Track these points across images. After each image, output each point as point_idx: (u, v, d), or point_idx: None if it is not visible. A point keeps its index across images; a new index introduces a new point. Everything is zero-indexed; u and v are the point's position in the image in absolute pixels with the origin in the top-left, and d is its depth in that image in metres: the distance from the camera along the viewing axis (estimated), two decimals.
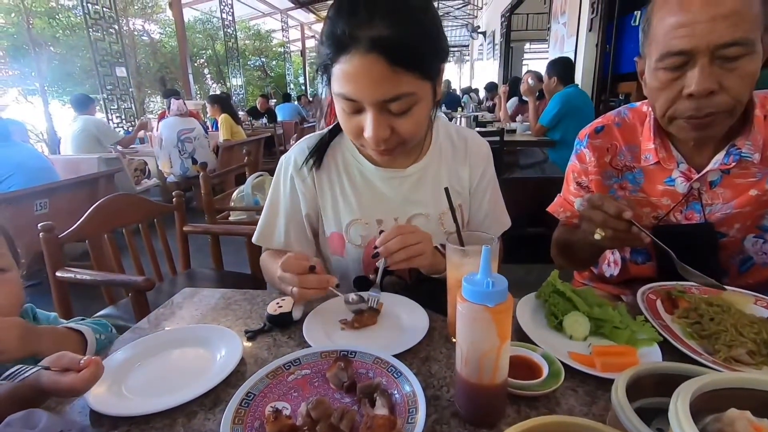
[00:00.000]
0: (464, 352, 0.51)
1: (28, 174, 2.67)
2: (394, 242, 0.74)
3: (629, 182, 0.94)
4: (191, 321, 0.82)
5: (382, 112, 0.72)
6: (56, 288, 1.31)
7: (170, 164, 4.35)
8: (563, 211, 1.08)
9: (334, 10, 0.70)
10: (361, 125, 0.74)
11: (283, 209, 0.95)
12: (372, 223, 0.91)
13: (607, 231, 0.76)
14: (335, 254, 0.95)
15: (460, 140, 0.97)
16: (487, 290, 0.47)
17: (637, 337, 0.65)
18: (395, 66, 0.67)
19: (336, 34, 0.68)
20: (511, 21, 8.91)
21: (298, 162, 0.93)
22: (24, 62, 9.56)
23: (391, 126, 0.74)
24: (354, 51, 0.67)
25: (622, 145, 0.95)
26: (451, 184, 0.93)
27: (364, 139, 0.76)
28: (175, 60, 11.79)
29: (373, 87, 0.68)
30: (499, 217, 1.01)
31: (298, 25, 15.70)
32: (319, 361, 0.63)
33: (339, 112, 0.77)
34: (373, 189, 0.92)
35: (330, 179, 0.93)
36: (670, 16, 0.72)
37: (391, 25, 0.66)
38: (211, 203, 2.06)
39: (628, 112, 0.96)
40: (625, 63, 4.19)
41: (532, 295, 0.79)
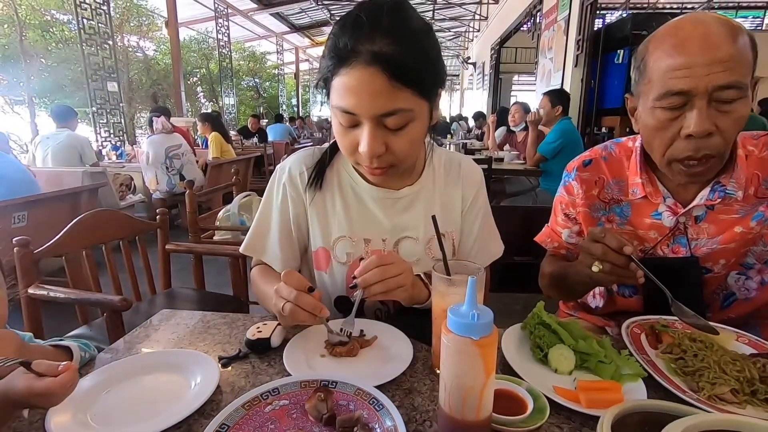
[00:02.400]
0: (448, 385, 0.49)
1: (8, 186, 2.60)
2: (373, 274, 0.72)
3: (617, 215, 0.96)
4: (167, 344, 0.79)
5: (378, 126, 0.72)
6: (27, 305, 1.26)
7: (156, 181, 4.30)
8: (551, 241, 1.09)
9: (339, 25, 0.72)
10: (357, 140, 0.74)
11: (274, 219, 0.94)
12: (359, 242, 0.90)
13: (605, 265, 0.76)
14: (319, 269, 0.94)
15: (453, 165, 0.98)
16: (472, 322, 0.47)
17: (621, 372, 0.65)
18: (394, 81, 0.68)
19: (338, 47, 0.70)
20: (500, 53, 9.21)
21: (293, 173, 0.92)
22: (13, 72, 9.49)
23: (386, 143, 0.74)
24: (355, 63, 0.68)
25: (609, 179, 0.96)
26: (444, 211, 0.93)
27: (359, 155, 0.76)
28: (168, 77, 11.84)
29: (371, 100, 0.69)
30: (489, 245, 1.01)
31: (293, 49, 16.00)
32: (298, 391, 0.61)
33: (336, 126, 0.77)
34: (364, 207, 0.91)
35: (322, 193, 0.92)
36: (669, 58, 0.74)
37: (393, 42, 0.68)
38: (196, 222, 2.03)
39: (615, 147, 0.99)
40: (609, 98, 4.34)
41: (517, 326, 0.79)
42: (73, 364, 0.56)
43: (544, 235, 1.12)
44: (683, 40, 0.73)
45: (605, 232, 0.77)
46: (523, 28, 7.39)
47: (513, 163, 3.73)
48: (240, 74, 15.93)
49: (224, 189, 3.08)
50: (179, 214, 4.64)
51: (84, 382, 0.64)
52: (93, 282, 1.43)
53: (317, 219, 0.92)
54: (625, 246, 0.74)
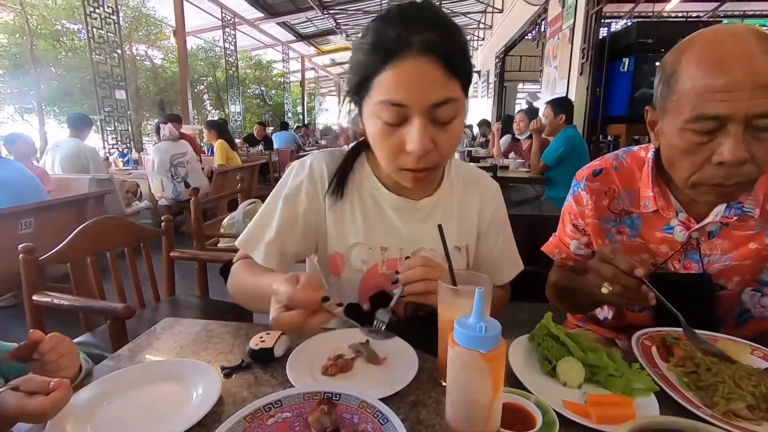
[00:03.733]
0: (454, 399, 0.48)
1: (14, 192, 2.62)
2: (416, 272, 0.72)
3: (627, 227, 0.93)
4: (169, 353, 0.78)
5: (428, 120, 0.71)
6: (31, 312, 1.26)
7: (162, 188, 4.33)
8: (558, 252, 1.07)
9: (380, 20, 0.71)
10: (402, 141, 0.72)
11: (280, 210, 0.88)
12: (376, 249, 0.89)
13: (616, 287, 0.74)
14: (333, 274, 0.91)
15: (471, 179, 0.96)
16: (479, 335, 0.45)
17: (633, 387, 0.63)
18: (447, 69, 0.68)
19: (386, 40, 0.69)
20: (505, 62, 9.23)
21: (314, 171, 0.89)
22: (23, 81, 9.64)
23: (434, 139, 0.72)
24: (407, 54, 0.67)
25: (620, 190, 0.93)
26: (460, 223, 0.92)
27: (404, 157, 0.73)
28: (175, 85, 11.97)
29: (425, 89, 0.68)
30: (513, 259, 0.99)
31: (299, 57, 16.13)
32: (301, 404, 0.60)
33: (377, 128, 0.73)
34: (383, 215, 0.90)
35: (342, 198, 0.89)
36: (707, 77, 0.67)
37: (442, 32, 0.69)
38: (201, 229, 2.03)
39: (626, 157, 0.96)
40: (615, 106, 4.33)
41: (524, 338, 0.77)
42: (65, 381, 0.55)
43: (551, 246, 1.10)
44: (724, 58, 0.67)
45: (615, 253, 0.75)
46: (527, 36, 7.41)
47: (518, 171, 3.72)
48: (246, 82, 16.09)
49: (229, 196, 3.08)
50: (184, 221, 4.66)
51: (84, 393, 0.63)
52: (97, 289, 1.43)
53: (335, 223, 0.89)
54: (636, 268, 0.72)
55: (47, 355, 0.64)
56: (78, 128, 4.13)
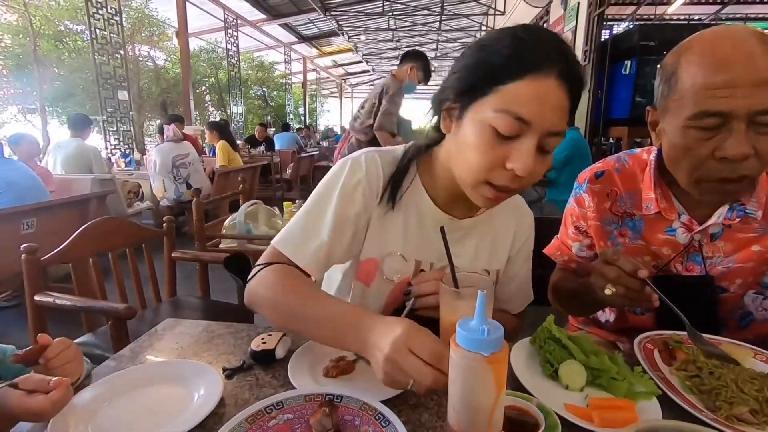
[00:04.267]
0: (456, 402, 0.48)
1: (17, 192, 2.63)
2: (430, 285, 0.72)
3: (629, 229, 0.93)
4: (171, 354, 0.78)
5: (538, 145, 0.67)
6: (33, 312, 1.26)
7: (164, 189, 4.34)
8: (560, 254, 1.07)
9: (523, 31, 0.68)
10: (505, 155, 0.68)
11: (333, 208, 0.80)
12: (411, 261, 0.86)
13: (619, 288, 0.74)
14: (362, 282, 0.88)
15: (510, 205, 0.92)
16: (482, 338, 0.45)
17: (635, 390, 0.63)
18: (571, 102, 0.68)
19: (532, 53, 0.66)
20: None
21: (372, 172, 0.82)
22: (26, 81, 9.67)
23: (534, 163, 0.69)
24: (549, 73, 0.65)
25: (622, 192, 0.93)
26: (493, 247, 0.90)
27: (499, 172, 0.69)
28: (177, 85, 12.00)
29: (552, 113, 0.66)
30: (527, 289, 0.98)
31: (301, 59, 16.17)
32: (303, 405, 0.60)
33: (485, 136, 0.68)
34: (423, 229, 0.86)
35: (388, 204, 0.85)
36: (708, 75, 0.68)
37: (576, 67, 0.67)
38: (202, 230, 2.03)
39: (628, 159, 0.95)
40: (616, 109, 4.33)
41: (526, 341, 0.77)
42: (66, 379, 0.55)
43: (553, 248, 1.10)
44: (725, 57, 0.68)
45: (619, 255, 0.75)
46: None
47: None
48: (248, 83, 16.11)
49: (231, 197, 3.08)
50: (186, 222, 4.67)
51: (85, 393, 0.63)
52: (99, 289, 1.44)
53: (376, 228, 0.85)
54: (640, 270, 0.72)
55: (53, 361, 0.64)
56: (79, 128, 4.13)
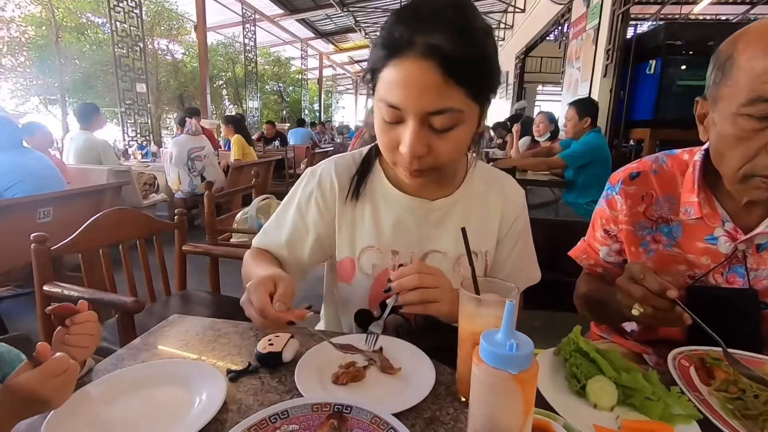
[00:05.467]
0: (479, 423, 0.43)
1: (35, 182, 2.64)
2: (409, 279, 0.68)
3: (664, 235, 0.86)
4: (174, 353, 0.75)
5: (423, 125, 0.67)
6: (42, 301, 1.24)
7: (179, 181, 4.35)
8: (586, 257, 1.01)
9: (396, 15, 0.68)
10: (398, 138, 0.70)
11: (291, 217, 0.90)
12: (386, 253, 0.86)
13: (647, 308, 0.69)
14: (342, 281, 0.89)
15: (495, 183, 0.91)
16: (510, 354, 0.41)
17: (672, 412, 0.57)
18: (448, 77, 0.63)
19: (393, 37, 0.65)
20: (525, 63, 9.09)
21: (324, 181, 0.88)
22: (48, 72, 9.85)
23: (429, 144, 0.69)
24: (408, 54, 0.63)
25: (659, 195, 0.87)
26: (479, 228, 0.87)
27: (398, 154, 0.71)
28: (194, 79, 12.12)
29: (420, 95, 0.64)
30: (527, 270, 0.94)
31: (317, 55, 16.19)
32: (309, 415, 0.56)
33: (377, 122, 0.72)
34: (395, 217, 0.86)
35: (353, 202, 0.88)
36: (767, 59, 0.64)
37: (452, 37, 0.63)
38: (214, 223, 2.01)
39: (667, 160, 0.89)
40: (639, 110, 4.20)
41: (549, 352, 0.72)
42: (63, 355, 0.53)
43: (579, 250, 1.04)
44: None
45: (645, 273, 0.69)
46: (549, 37, 7.27)
47: (539, 174, 3.61)
48: (264, 78, 16.19)
49: (244, 191, 3.07)
50: (199, 214, 4.68)
51: (84, 393, 0.60)
52: (108, 281, 1.42)
53: (345, 228, 0.87)
54: (668, 290, 0.67)
55: (77, 327, 0.63)
56: (87, 119, 3.92)
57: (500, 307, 0.58)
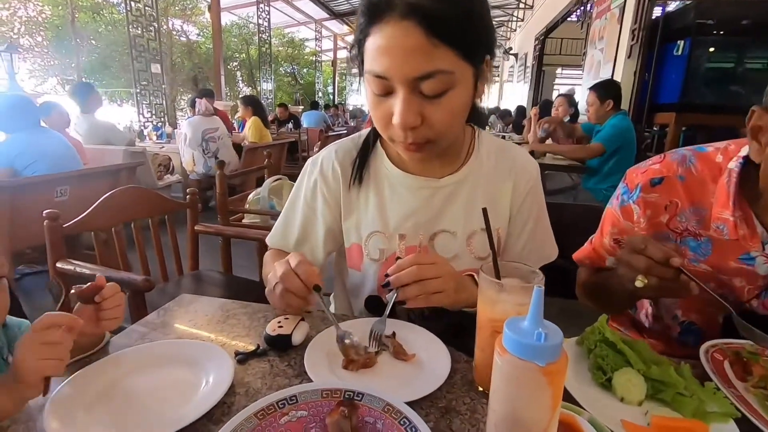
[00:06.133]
0: (500, 417, 0.40)
1: (53, 161, 2.65)
2: (408, 273, 0.64)
3: (690, 250, 0.77)
4: (183, 333, 0.74)
5: (413, 93, 0.63)
6: (55, 279, 1.25)
7: (193, 162, 4.36)
8: (590, 263, 0.94)
9: None
10: (391, 112, 0.66)
11: (301, 211, 0.89)
12: (393, 237, 0.83)
13: (651, 279, 0.64)
14: (353, 268, 0.87)
15: (506, 156, 0.86)
16: (537, 344, 0.37)
17: (706, 410, 0.53)
18: (432, 36, 0.59)
19: (371, 2, 0.62)
20: (544, 44, 8.82)
21: (326, 168, 0.86)
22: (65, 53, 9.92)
23: (423, 113, 0.65)
24: (389, 18, 0.60)
25: (685, 206, 0.76)
26: (489, 205, 0.83)
27: (393, 128, 0.68)
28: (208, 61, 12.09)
29: (405, 60, 0.60)
30: (542, 247, 0.89)
31: (332, 36, 15.97)
32: (318, 402, 0.53)
33: (369, 97, 0.69)
34: (400, 200, 0.83)
35: (357, 187, 0.85)
36: None
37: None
38: (226, 204, 2.00)
39: (696, 162, 0.75)
40: (664, 93, 4.04)
41: (572, 341, 0.68)
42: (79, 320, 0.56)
43: (583, 254, 0.95)
44: None
45: (647, 242, 0.65)
46: (571, 17, 7.02)
47: (558, 158, 3.51)
48: (278, 60, 16.08)
49: (257, 172, 3.05)
50: (214, 196, 4.70)
51: (88, 373, 0.59)
52: (122, 259, 1.42)
53: (351, 214, 0.85)
54: (672, 258, 0.62)
55: (108, 301, 0.64)
56: (84, 100, 3.60)
57: (522, 293, 0.54)
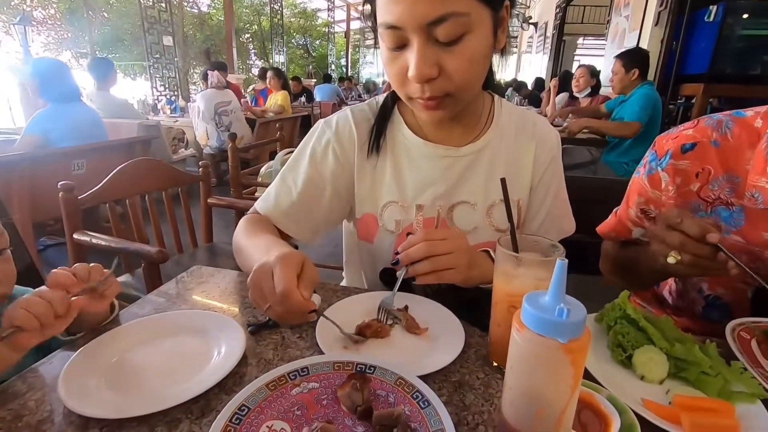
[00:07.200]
0: (516, 395, 0.39)
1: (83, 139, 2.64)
2: (418, 249, 0.62)
3: (722, 220, 0.73)
4: (195, 304, 0.74)
5: (428, 41, 0.60)
6: (73, 250, 1.27)
7: (207, 136, 4.36)
8: (616, 236, 0.91)
9: None
10: (406, 65, 0.62)
11: (304, 172, 0.80)
12: (410, 208, 0.80)
13: (685, 256, 0.61)
14: (364, 239, 0.84)
15: (527, 124, 0.83)
16: (559, 320, 0.35)
17: (732, 389, 0.51)
18: None
19: None
20: (566, 13, 8.45)
21: (342, 130, 0.81)
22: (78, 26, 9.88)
23: (440, 63, 0.61)
24: None
25: (718, 172, 0.72)
26: (510, 175, 0.79)
27: (410, 84, 0.65)
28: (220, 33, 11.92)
29: (416, 3, 0.57)
30: (561, 220, 0.87)
31: (344, 6, 15.55)
32: (330, 374, 0.53)
33: (384, 56, 0.66)
34: (419, 169, 0.80)
35: (373, 155, 0.81)
36: None
37: None
38: (238, 177, 2.00)
39: (733, 126, 0.71)
40: (693, 63, 3.85)
41: (591, 317, 0.66)
42: None
43: (608, 227, 0.92)
44: None
45: (682, 216, 0.61)
46: None
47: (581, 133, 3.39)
48: (291, 32, 15.77)
49: (268, 144, 3.03)
50: (228, 170, 4.71)
51: (102, 341, 0.59)
52: (137, 232, 1.43)
53: (365, 182, 0.81)
54: (709, 234, 0.58)
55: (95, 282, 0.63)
56: (104, 77, 3.52)
57: (541, 267, 0.52)
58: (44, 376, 0.54)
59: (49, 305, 0.54)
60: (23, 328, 0.53)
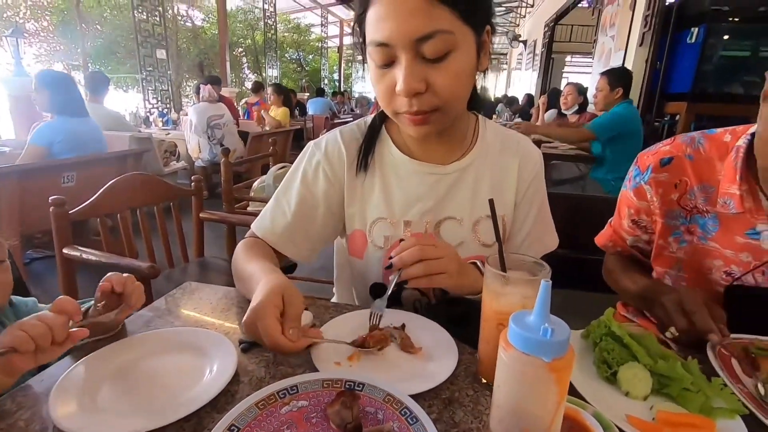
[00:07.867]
0: (504, 412, 0.40)
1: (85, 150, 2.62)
2: (411, 253, 0.64)
3: (699, 227, 0.79)
4: (187, 321, 0.74)
5: (415, 58, 0.63)
6: (62, 264, 1.26)
7: (199, 149, 4.36)
8: (613, 245, 0.96)
9: None
10: (394, 81, 0.65)
11: (296, 193, 0.83)
12: (398, 224, 0.82)
13: (682, 338, 0.66)
14: (354, 256, 0.86)
15: (510, 142, 0.86)
16: (543, 339, 0.36)
17: (713, 405, 0.53)
18: None
19: None
20: (554, 31, 8.66)
21: (331, 150, 0.84)
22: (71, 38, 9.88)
23: (426, 79, 0.64)
24: None
25: (693, 184, 0.79)
26: (495, 192, 0.83)
27: (397, 100, 0.67)
28: (214, 46, 12.00)
29: (406, 22, 0.61)
30: (543, 236, 0.89)
31: (338, 22, 15.78)
32: (319, 391, 0.53)
33: (372, 74, 0.69)
34: (406, 186, 0.82)
35: (362, 173, 0.84)
36: None
37: None
38: (231, 191, 2.00)
39: (705, 142, 0.79)
40: (676, 82, 3.96)
41: (577, 334, 0.67)
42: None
43: (604, 238, 0.99)
44: None
45: (698, 308, 0.65)
46: (582, 3, 6.89)
47: (563, 148, 3.47)
48: (284, 46, 15.93)
49: (261, 159, 3.04)
50: (220, 183, 4.70)
51: (91, 360, 0.59)
52: (128, 246, 1.43)
53: (355, 200, 0.83)
54: (711, 335, 0.63)
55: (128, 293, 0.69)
56: (97, 90, 3.53)
57: (528, 286, 0.54)
58: (34, 394, 0.54)
59: (49, 330, 0.54)
60: (18, 349, 0.52)
